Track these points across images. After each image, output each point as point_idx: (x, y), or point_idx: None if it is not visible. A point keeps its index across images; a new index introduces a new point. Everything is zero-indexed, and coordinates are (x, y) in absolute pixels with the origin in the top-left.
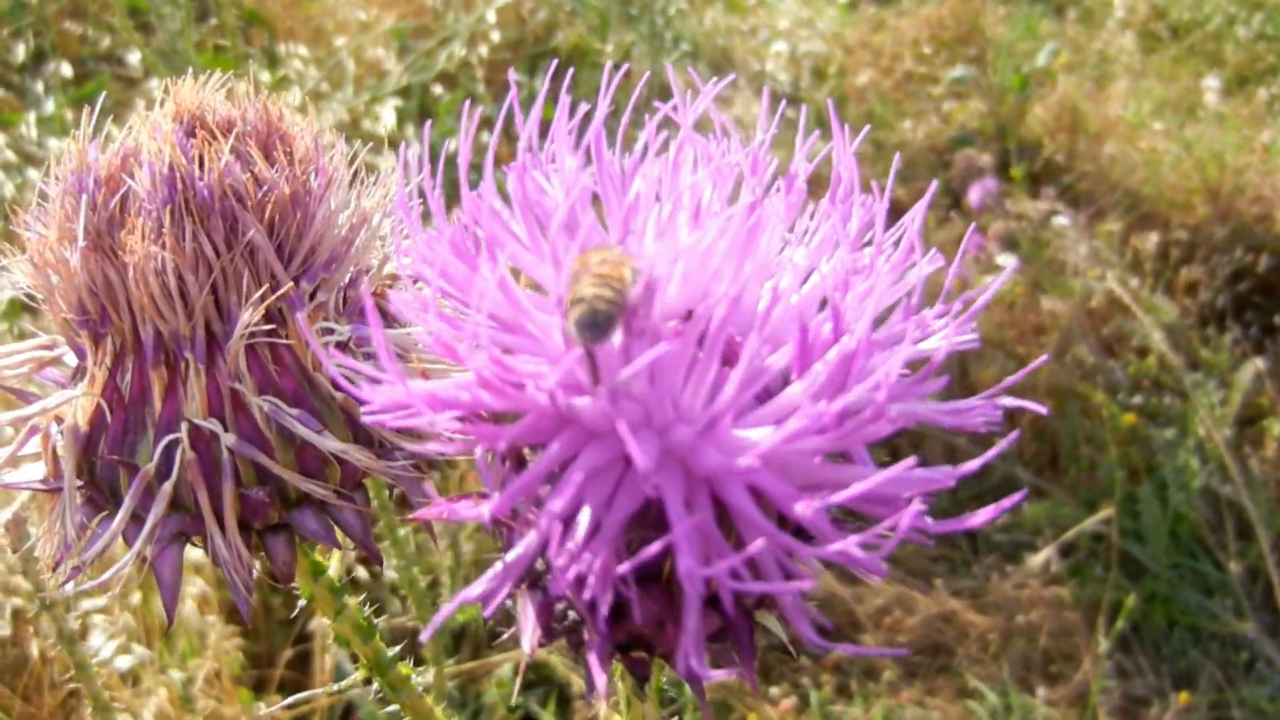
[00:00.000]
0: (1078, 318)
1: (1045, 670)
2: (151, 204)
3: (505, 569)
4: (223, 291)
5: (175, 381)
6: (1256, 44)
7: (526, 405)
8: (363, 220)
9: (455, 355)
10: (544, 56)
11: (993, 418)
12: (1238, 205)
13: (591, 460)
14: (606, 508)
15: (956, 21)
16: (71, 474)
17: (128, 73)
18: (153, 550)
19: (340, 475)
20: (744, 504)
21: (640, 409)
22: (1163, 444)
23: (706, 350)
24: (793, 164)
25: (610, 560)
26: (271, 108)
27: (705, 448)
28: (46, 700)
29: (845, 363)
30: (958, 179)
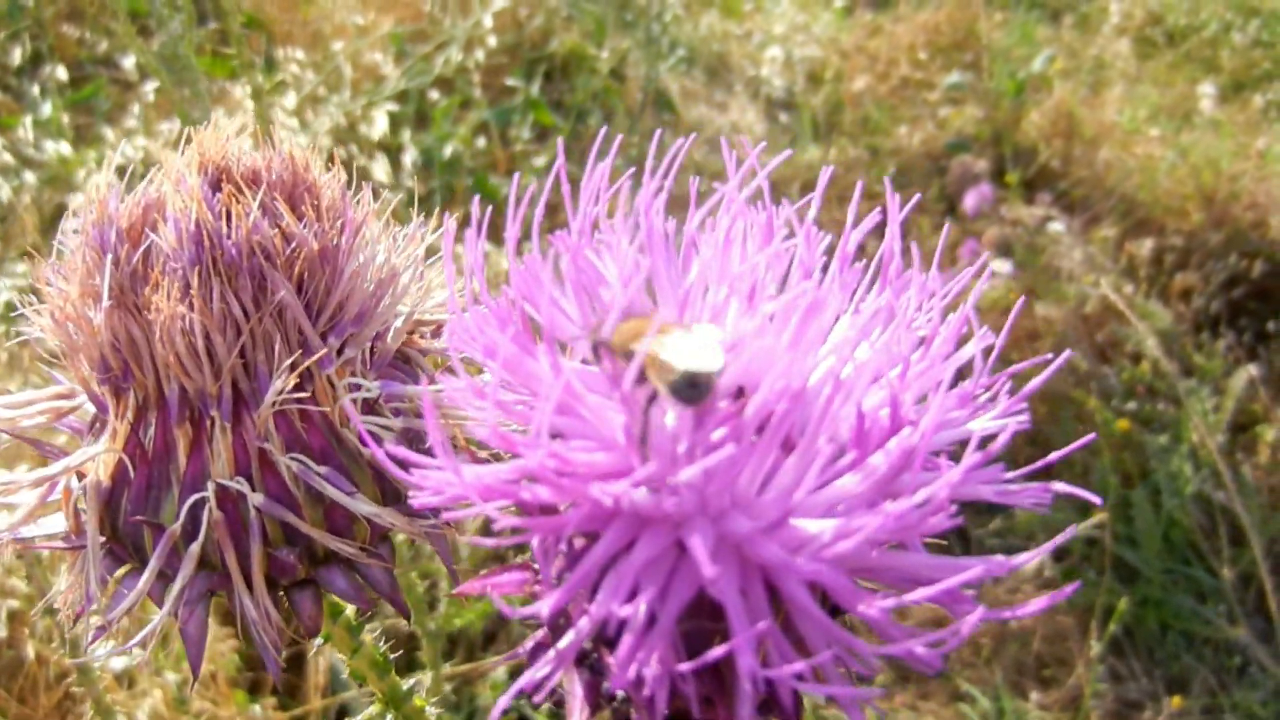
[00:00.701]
0: (1072, 323)
1: (1038, 674)
2: (177, 262)
3: (559, 656)
4: (250, 350)
5: (200, 439)
6: (1252, 50)
7: (582, 497)
8: (392, 276)
9: (512, 447)
10: (540, 62)
11: (1043, 500)
12: (1232, 211)
13: (647, 551)
14: (661, 599)
15: (953, 27)
16: (94, 531)
17: (124, 76)
18: (182, 613)
19: (368, 531)
20: (804, 600)
21: (696, 496)
22: (1156, 450)
23: (765, 440)
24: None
25: (669, 656)
26: (298, 156)
27: (764, 540)
28: (42, 701)
29: (906, 456)
30: (953, 185)
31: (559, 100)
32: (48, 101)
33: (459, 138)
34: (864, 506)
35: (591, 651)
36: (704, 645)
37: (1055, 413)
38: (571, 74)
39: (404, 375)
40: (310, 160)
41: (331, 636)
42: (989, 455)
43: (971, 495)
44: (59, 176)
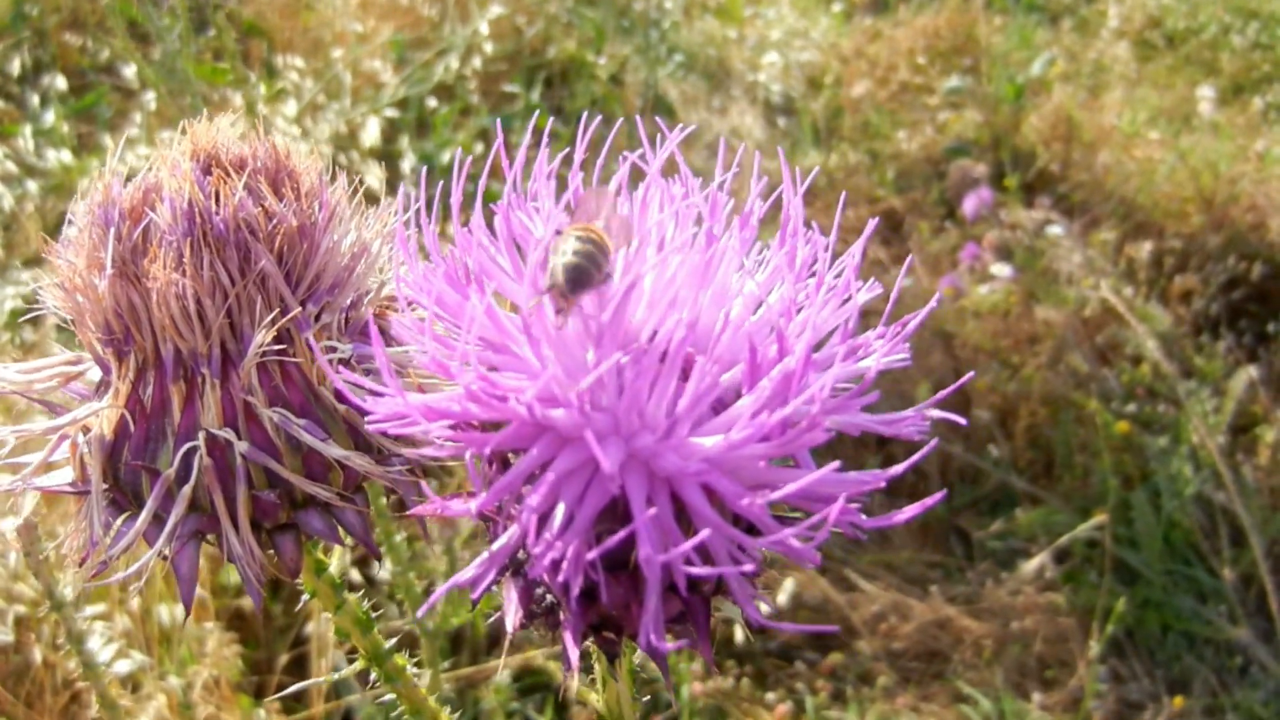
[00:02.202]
0: (1072, 326)
1: (1040, 676)
2: (172, 235)
3: (491, 556)
4: (236, 314)
5: (193, 394)
6: (1251, 53)
7: (509, 415)
8: (363, 249)
9: (447, 372)
10: (540, 69)
11: (921, 427)
12: (1232, 214)
13: (566, 462)
14: (579, 503)
15: (952, 32)
16: (98, 478)
17: (126, 84)
18: (173, 548)
19: (343, 479)
20: (697, 501)
21: (610, 418)
22: (1156, 451)
23: (666, 367)
24: (748, 203)
25: (581, 548)
26: (280, 146)
27: (665, 452)
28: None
29: (786, 379)
30: (953, 189)
31: (559, 106)
32: (50, 110)
33: (459, 144)
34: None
35: (524, 562)
36: (620, 550)
37: (1055, 415)
38: (571, 80)
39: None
40: (291, 149)
41: (317, 592)
42: (864, 385)
43: (851, 424)
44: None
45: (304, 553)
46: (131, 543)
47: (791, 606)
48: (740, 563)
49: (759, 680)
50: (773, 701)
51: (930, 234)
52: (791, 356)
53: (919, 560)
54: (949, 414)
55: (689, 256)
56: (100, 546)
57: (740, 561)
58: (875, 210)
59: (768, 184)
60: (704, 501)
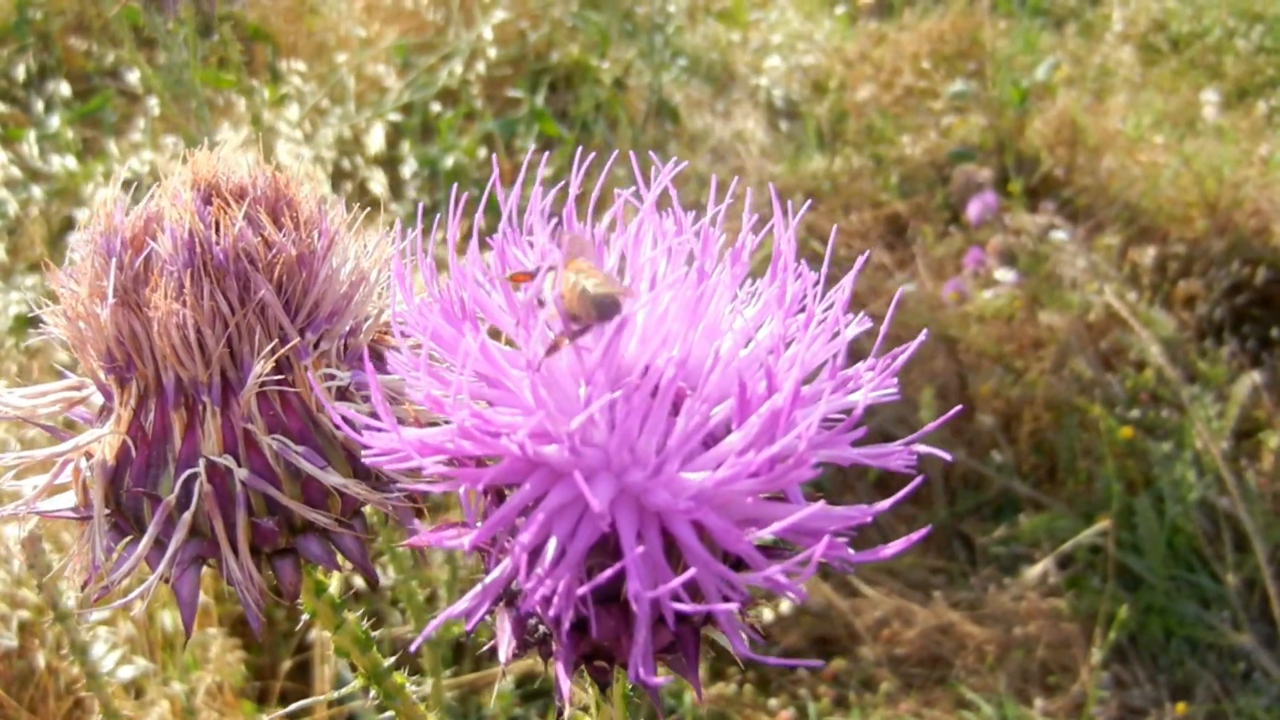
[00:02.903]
0: (1076, 331)
1: (1043, 681)
2: (173, 265)
3: (484, 589)
4: (236, 343)
5: (194, 422)
6: (1256, 57)
7: (502, 451)
8: (361, 277)
9: (441, 408)
10: (544, 73)
11: (909, 460)
12: (1236, 218)
13: (558, 498)
14: (570, 538)
15: (957, 35)
16: (100, 503)
17: (130, 88)
18: (174, 573)
19: (341, 505)
20: (687, 536)
21: (601, 454)
22: (1160, 457)
23: (656, 404)
24: (740, 238)
25: (572, 583)
26: (279, 175)
27: (655, 488)
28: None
29: (774, 416)
30: (957, 194)
31: (563, 111)
32: (54, 115)
33: (463, 149)
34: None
35: (519, 594)
36: (611, 584)
37: (1059, 420)
38: (575, 85)
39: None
40: (291, 178)
41: (316, 612)
42: (851, 420)
43: (839, 457)
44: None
45: (304, 573)
46: (133, 568)
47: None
48: (728, 599)
49: (762, 686)
50: (775, 707)
51: (934, 239)
52: (779, 393)
53: (922, 565)
54: (936, 450)
55: (680, 292)
56: (102, 570)
57: (728, 598)
58: (879, 215)
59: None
60: (693, 537)
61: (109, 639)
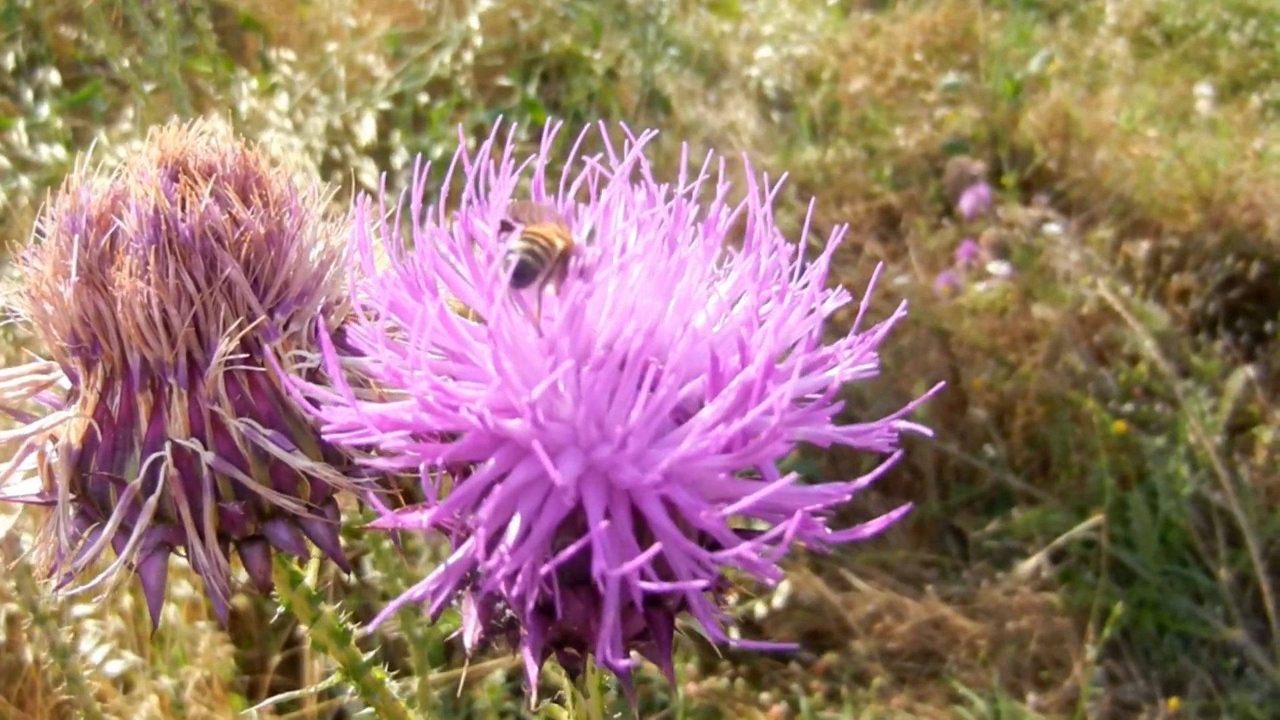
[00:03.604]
0: (1069, 325)
1: (1035, 676)
2: (139, 243)
3: (447, 570)
4: (203, 323)
5: (160, 404)
6: (1249, 50)
7: (464, 425)
8: (332, 256)
9: (400, 381)
10: (536, 63)
11: (890, 439)
12: (1229, 212)
13: (522, 475)
14: (536, 516)
15: (950, 27)
16: (65, 488)
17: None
18: (139, 558)
19: (311, 491)
20: (656, 514)
21: (568, 429)
22: (1153, 451)
23: (625, 375)
24: (713, 209)
25: (537, 561)
26: (249, 153)
27: (623, 464)
28: (40, 705)
29: (746, 389)
30: (950, 186)
31: (555, 101)
32: (44, 104)
33: (453, 139)
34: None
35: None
36: (580, 566)
37: (1052, 414)
38: (567, 75)
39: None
40: (260, 155)
41: (292, 604)
42: (828, 396)
43: (817, 436)
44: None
45: (279, 564)
46: (97, 554)
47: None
48: (699, 577)
49: (754, 680)
50: (767, 702)
51: (927, 231)
52: (751, 366)
53: (914, 559)
54: (916, 425)
55: (652, 264)
56: (68, 557)
57: (699, 576)
58: (872, 207)
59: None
60: (663, 514)
61: (98, 633)
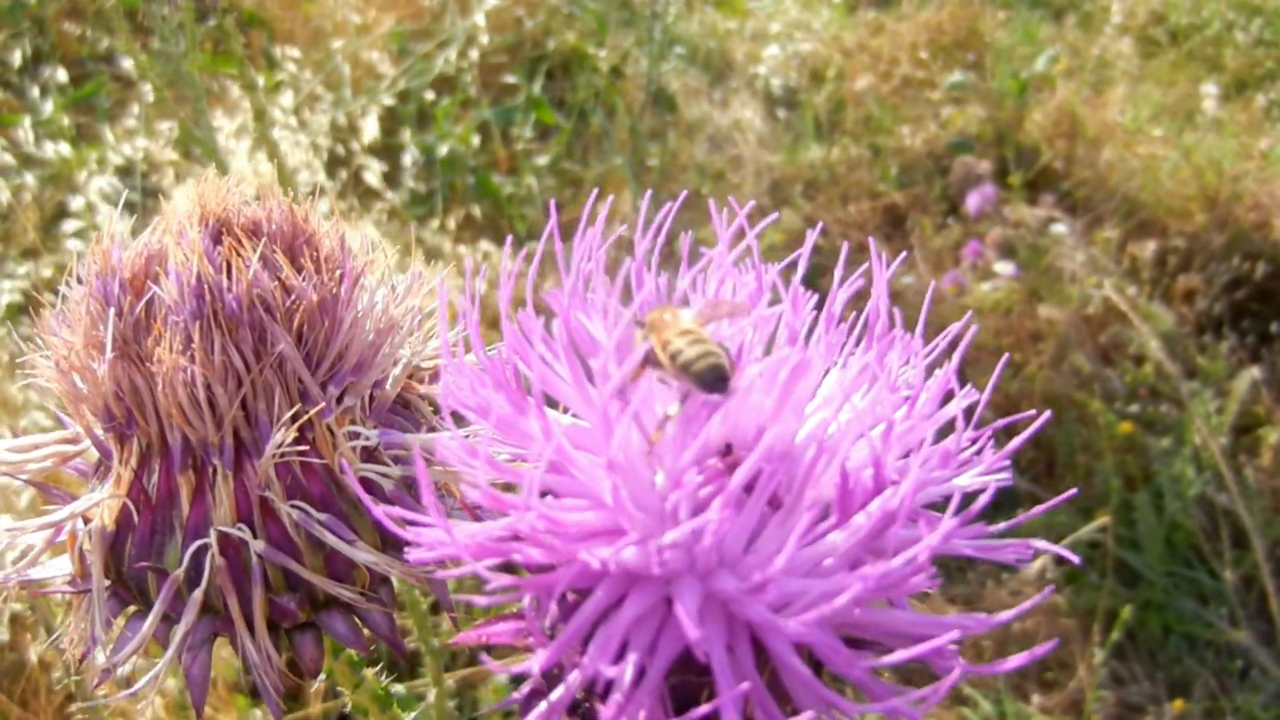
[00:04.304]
0: (1075, 325)
1: (1040, 677)
2: (179, 315)
3: (550, 707)
4: (251, 400)
5: (203, 486)
6: (1255, 49)
7: (573, 558)
8: (390, 326)
9: (503, 508)
10: (541, 61)
11: (1024, 555)
12: (1235, 213)
13: (635, 608)
14: (650, 654)
15: (955, 26)
16: (99, 576)
17: (125, 74)
18: (186, 658)
19: (368, 576)
20: (790, 659)
21: (684, 555)
22: (1159, 452)
23: (753, 500)
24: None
25: (656, 711)
26: (297, 209)
27: (752, 603)
28: (44, 705)
29: (888, 518)
30: (956, 186)
31: (560, 99)
32: (48, 100)
33: (458, 137)
34: (847, 564)
35: (584, 701)
36: (691, 700)
37: (1058, 415)
38: (573, 73)
39: (403, 420)
40: (309, 212)
41: (333, 672)
42: (969, 515)
43: (952, 551)
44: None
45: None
46: (138, 648)
47: None
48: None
49: None
50: None
51: (933, 230)
52: (893, 492)
53: None
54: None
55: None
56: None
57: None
58: (877, 206)
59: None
60: (797, 659)
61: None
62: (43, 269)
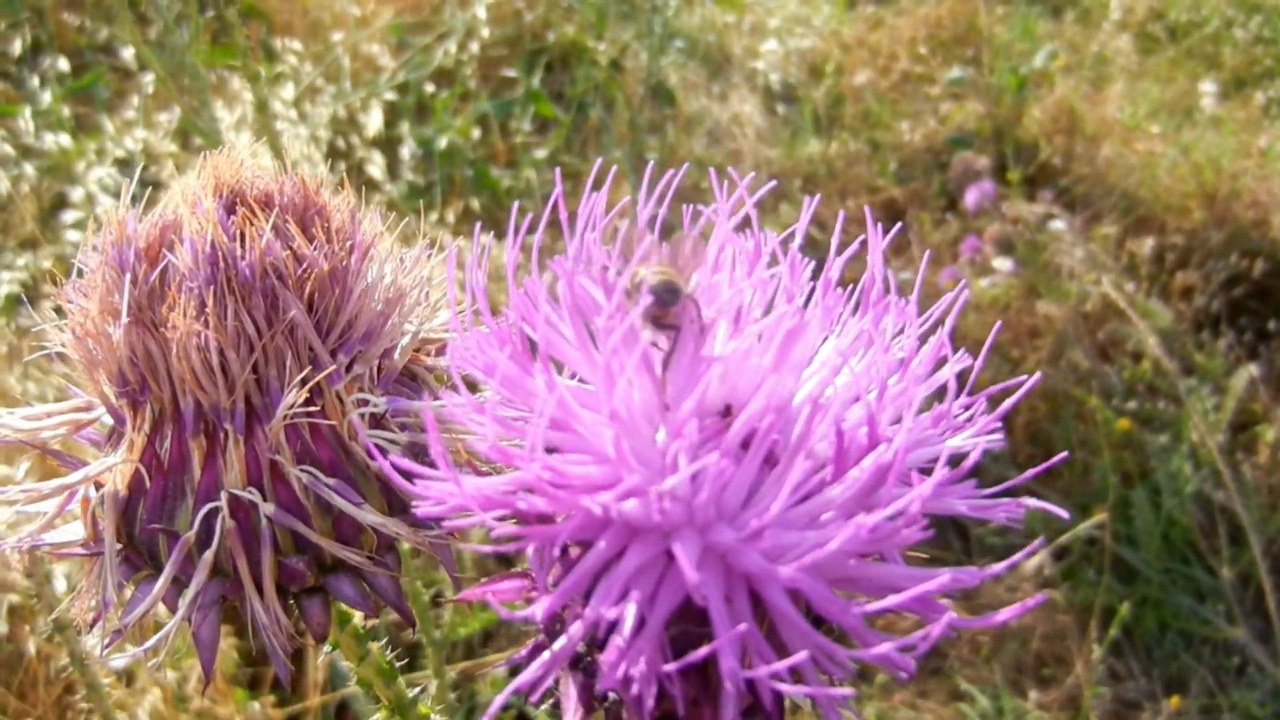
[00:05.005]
0: (1073, 321)
1: (1037, 673)
2: (194, 281)
3: (553, 657)
4: (263, 366)
5: (214, 450)
6: (1254, 47)
7: (575, 508)
8: (399, 295)
9: (508, 460)
10: (540, 54)
11: (1015, 514)
12: (1234, 210)
13: (636, 559)
14: (650, 604)
15: (954, 21)
16: (111, 539)
17: (124, 64)
18: (195, 618)
19: (375, 540)
20: (784, 606)
21: (684, 508)
22: (1156, 449)
23: (750, 455)
24: (827, 269)
25: (655, 658)
26: (309, 182)
27: (748, 551)
28: (42, 697)
29: (881, 472)
30: (955, 181)
31: (559, 92)
32: (47, 91)
33: (457, 129)
34: (842, 518)
35: (585, 655)
36: (691, 649)
37: (1056, 411)
38: (571, 66)
39: (410, 391)
40: (321, 184)
41: (340, 644)
42: (960, 472)
43: (946, 510)
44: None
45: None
46: (149, 609)
47: None
48: (831, 676)
49: None
50: None
51: (931, 226)
52: (886, 447)
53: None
54: (1049, 506)
55: (771, 329)
56: (114, 609)
57: (831, 675)
58: (875, 201)
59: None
60: (792, 607)
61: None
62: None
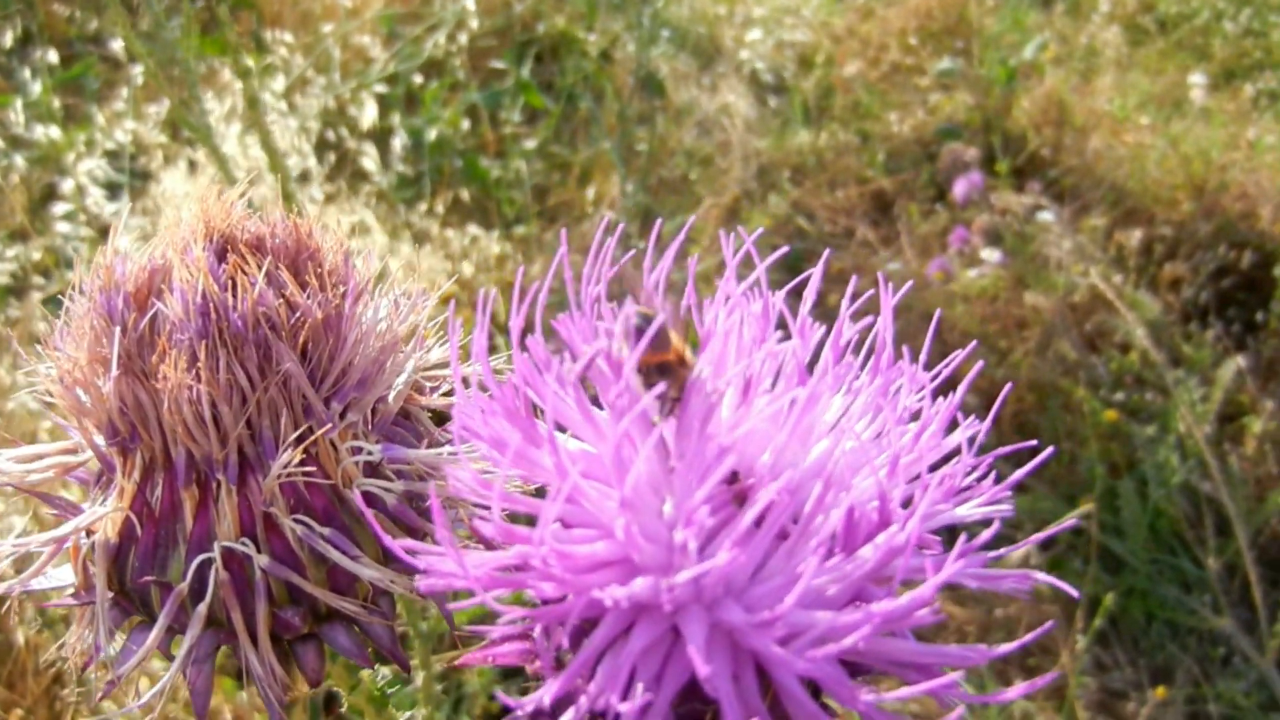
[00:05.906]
0: (1061, 313)
1: (1023, 664)
2: (184, 333)
3: None
4: (256, 417)
5: (207, 500)
6: (1243, 39)
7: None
8: (394, 342)
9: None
10: (530, 44)
11: (1024, 586)
12: (1222, 202)
13: (642, 639)
14: (656, 684)
15: (944, 13)
16: (103, 588)
17: (113, 55)
18: (190, 671)
19: (370, 589)
20: (796, 691)
21: (692, 587)
22: (1143, 440)
23: (761, 534)
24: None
25: None
26: (300, 223)
27: (756, 632)
28: (30, 687)
29: (892, 554)
30: (943, 172)
31: (549, 83)
32: (37, 82)
33: (446, 120)
34: (851, 593)
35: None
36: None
37: (1043, 402)
38: (561, 57)
39: (405, 431)
40: (314, 226)
41: (331, 674)
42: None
43: (954, 582)
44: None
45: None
46: (143, 659)
47: None
48: None
49: None
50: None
51: (920, 217)
52: (901, 532)
53: None
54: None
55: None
56: (107, 658)
57: None
58: (864, 191)
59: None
60: (801, 690)
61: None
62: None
